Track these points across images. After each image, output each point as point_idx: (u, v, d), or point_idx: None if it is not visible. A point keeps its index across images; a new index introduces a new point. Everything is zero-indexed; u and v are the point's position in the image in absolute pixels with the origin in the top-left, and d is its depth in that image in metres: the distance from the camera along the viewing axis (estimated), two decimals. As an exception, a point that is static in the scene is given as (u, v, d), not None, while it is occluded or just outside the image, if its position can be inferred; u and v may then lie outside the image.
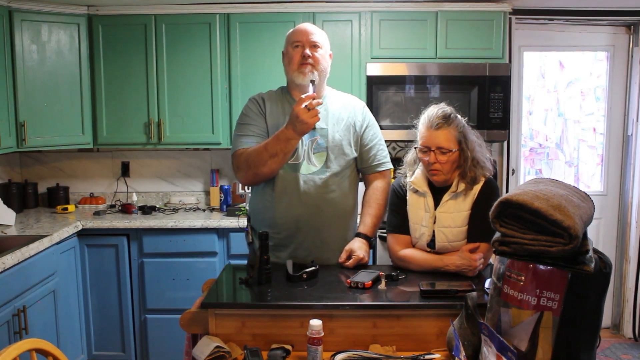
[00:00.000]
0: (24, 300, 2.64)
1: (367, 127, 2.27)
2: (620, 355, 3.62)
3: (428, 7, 3.43)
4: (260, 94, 2.29)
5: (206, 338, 1.69)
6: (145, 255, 3.35)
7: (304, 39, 2.14)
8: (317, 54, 2.15)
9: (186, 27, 3.48)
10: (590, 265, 1.30)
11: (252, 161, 2.10)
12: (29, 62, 3.32)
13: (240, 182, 2.29)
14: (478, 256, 1.95)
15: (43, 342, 1.57)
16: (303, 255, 2.16)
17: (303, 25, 2.22)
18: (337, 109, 2.24)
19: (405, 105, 3.45)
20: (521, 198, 1.36)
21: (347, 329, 1.73)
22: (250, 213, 2.33)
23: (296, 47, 2.15)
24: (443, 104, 2.06)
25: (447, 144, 1.98)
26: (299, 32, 2.17)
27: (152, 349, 3.40)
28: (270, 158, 2.07)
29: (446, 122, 1.99)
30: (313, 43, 2.15)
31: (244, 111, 2.26)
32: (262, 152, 2.08)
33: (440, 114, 2.00)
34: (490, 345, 1.37)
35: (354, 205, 2.30)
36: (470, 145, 2.01)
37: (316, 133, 2.16)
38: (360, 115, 2.27)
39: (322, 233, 2.18)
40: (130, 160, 3.93)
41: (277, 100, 2.25)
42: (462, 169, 2.01)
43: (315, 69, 2.14)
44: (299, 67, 2.14)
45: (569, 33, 3.86)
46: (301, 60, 2.14)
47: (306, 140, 2.16)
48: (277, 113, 2.22)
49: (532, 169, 4.08)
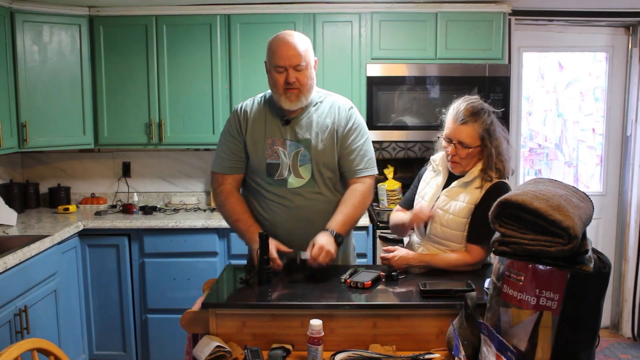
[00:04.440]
0: (26, 300, 2.65)
1: (349, 130, 2.15)
2: (619, 354, 3.63)
3: (428, 8, 3.43)
4: (244, 105, 2.22)
5: (207, 338, 1.70)
6: (146, 255, 3.35)
7: (287, 63, 2.03)
8: (302, 75, 2.05)
9: (187, 28, 3.49)
10: (590, 265, 1.30)
11: (222, 211, 2.24)
12: (30, 63, 3.33)
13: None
14: (390, 256, 2.04)
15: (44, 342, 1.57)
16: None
17: (284, 40, 2.05)
18: (322, 117, 2.16)
19: (405, 106, 3.46)
20: (520, 198, 1.36)
21: (347, 328, 1.74)
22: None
23: (280, 72, 2.05)
24: (475, 97, 2.05)
25: (468, 140, 1.99)
26: (281, 55, 2.03)
27: (153, 348, 3.41)
28: (233, 227, 2.23)
29: (472, 118, 1.98)
30: (297, 66, 2.04)
31: (227, 126, 2.23)
32: (230, 218, 2.20)
33: (469, 108, 1.99)
34: (490, 344, 1.38)
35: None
36: (494, 142, 1.99)
37: (300, 145, 2.12)
38: (344, 120, 2.16)
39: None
40: (131, 160, 3.94)
41: (259, 113, 2.18)
42: (485, 164, 2.01)
43: (301, 92, 2.07)
44: (284, 92, 2.06)
45: (568, 34, 3.87)
46: (285, 86, 2.05)
47: (289, 152, 2.12)
48: (259, 127, 2.16)
49: (531, 169, 4.09)
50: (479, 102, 2.03)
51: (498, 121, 2.05)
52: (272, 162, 2.13)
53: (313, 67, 2.11)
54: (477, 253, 2.00)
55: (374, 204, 3.68)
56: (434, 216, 2.05)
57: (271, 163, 2.13)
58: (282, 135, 2.14)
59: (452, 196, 2.04)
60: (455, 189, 2.05)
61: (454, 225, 2.02)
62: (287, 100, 2.08)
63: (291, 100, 2.08)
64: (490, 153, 1.99)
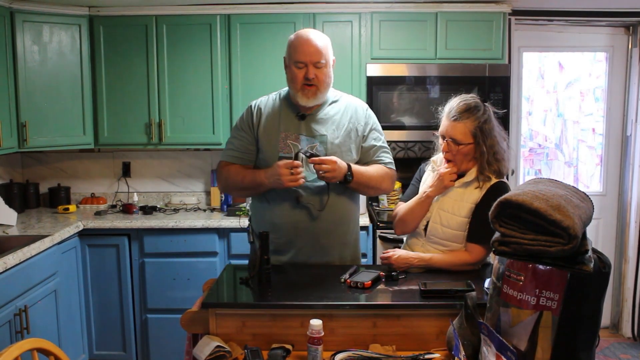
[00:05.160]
0: (26, 300, 2.65)
1: (370, 130, 2.23)
2: (619, 354, 3.63)
3: (428, 8, 3.44)
4: (259, 101, 2.27)
5: (207, 338, 1.70)
6: (146, 255, 3.35)
7: (308, 59, 2.07)
8: (321, 73, 2.09)
9: (187, 27, 3.49)
10: (590, 265, 1.30)
11: (229, 182, 2.22)
12: (30, 63, 3.33)
13: (219, 189, 2.34)
14: (390, 254, 2.05)
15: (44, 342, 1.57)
16: (303, 259, 2.16)
17: (306, 37, 2.10)
18: (339, 114, 2.20)
19: (405, 106, 3.46)
20: (520, 198, 1.36)
21: (347, 328, 1.74)
22: (251, 214, 2.34)
23: (299, 67, 2.09)
24: (471, 96, 2.05)
25: (460, 136, 2.00)
26: (302, 51, 2.08)
27: (153, 348, 3.41)
28: (242, 189, 2.23)
29: (464, 115, 1.99)
30: (317, 63, 2.08)
31: (239, 120, 2.27)
32: (238, 179, 2.17)
33: (462, 106, 2.00)
34: (490, 344, 1.38)
35: (352, 210, 2.28)
36: (488, 140, 1.99)
37: (315, 140, 2.15)
38: (363, 119, 2.22)
39: (322, 238, 2.17)
40: (131, 160, 3.94)
41: (274, 108, 2.22)
42: (480, 162, 2.01)
43: (319, 90, 2.11)
44: (302, 88, 2.10)
45: (568, 34, 3.87)
46: (304, 81, 2.09)
47: (304, 146, 2.14)
48: (273, 121, 2.19)
49: (531, 169, 4.09)
50: (474, 100, 2.03)
51: (496, 121, 2.04)
52: (284, 156, 2.14)
53: (331, 66, 2.15)
54: (477, 252, 2.00)
55: (373, 204, 3.68)
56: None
57: (283, 156, 2.14)
58: (297, 130, 2.17)
59: (453, 196, 2.05)
60: (456, 189, 2.05)
61: (454, 225, 2.02)
62: (304, 97, 2.11)
63: (308, 97, 2.11)
64: (483, 151, 1.99)
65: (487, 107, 2.04)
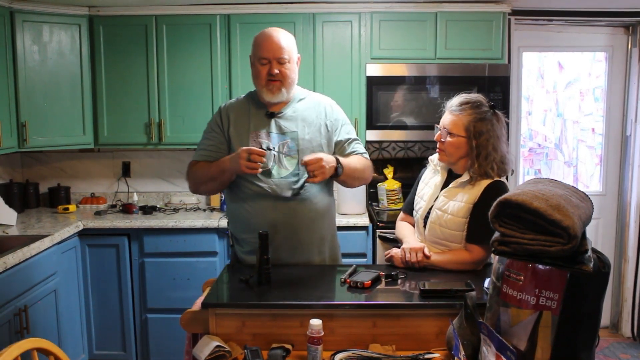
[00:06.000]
0: (26, 299, 2.65)
1: (342, 125, 2.26)
2: (619, 354, 3.63)
3: (427, 8, 3.44)
4: (228, 103, 2.30)
5: (206, 337, 1.70)
6: (146, 255, 3.35)
7: (271, 55, 2.11)
8: (284, 68, 2.13)
9: (187, 27, 3.49)
10: (589, 264, 1.30)
11: (197, 175, 2.22)
12: (30, 63, 3.33)
13: (190, 190, 2.34)
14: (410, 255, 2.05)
15: (44, 342, 1.57)
16: (282, 257, 2.15)
17: (269, 34, 2.14)
18: (307, 111, 2.23)
19: (404, 105, 3.46)
20: (520, 198, 1.36)
21: (347, 328, 1.74)
22: (228, 218, 2.34)
23: (263, 64, 2.13)
24: (476, 94, 2.08)
25: (452, 127, 2.02)
26: (265, 47, 2.12)
27: (153, 348, 3.41)
28: (209, 180, 2.19)
29: (461, 108, 2.02)
30: (280, 59, 2.11)
31: (209, 122, 2.30)
32: (205, 171, 2.18)
33: (462, 100, 2.03)
34: (490, 344, 1.38)
35: (328, 205, 2.28)
36: (481, 138, 1.99)
37: (286, 137, 2.17)
38: (332, 115, 2.25)
39: (299, 234, 2.18)
40: (131, 160, 3.94)
41: (242, 109, 2.24)
42: (470, 159, 2.03)
43: (283, 85, 2.14)
44: (266, 84, 2.14)
45: (568, 34, 3.87)
46: (268, 77, 2.12)
47: (276, 144, 2.15)
48: (243, 121, 2.21)
49: (531, 169, 4.09)
50: (477, 97, 2.05)
51: (497, 122, 2.04)
52: None
53: (296, 63, 2.19)
54: (478, 253, 2.00)
55: (373, 204, 3.68)
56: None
57: None
58: (267, 128, 2.18)
59: (451, 196, 2.05)
60: (454, 189, 2.05)
61: (453, 226, 2.02)
62: (268, 92, 2.15)
63: (273, 92, 2.14)
64: (472, 147, 1.99)
65: (491, 110, 2.03)
